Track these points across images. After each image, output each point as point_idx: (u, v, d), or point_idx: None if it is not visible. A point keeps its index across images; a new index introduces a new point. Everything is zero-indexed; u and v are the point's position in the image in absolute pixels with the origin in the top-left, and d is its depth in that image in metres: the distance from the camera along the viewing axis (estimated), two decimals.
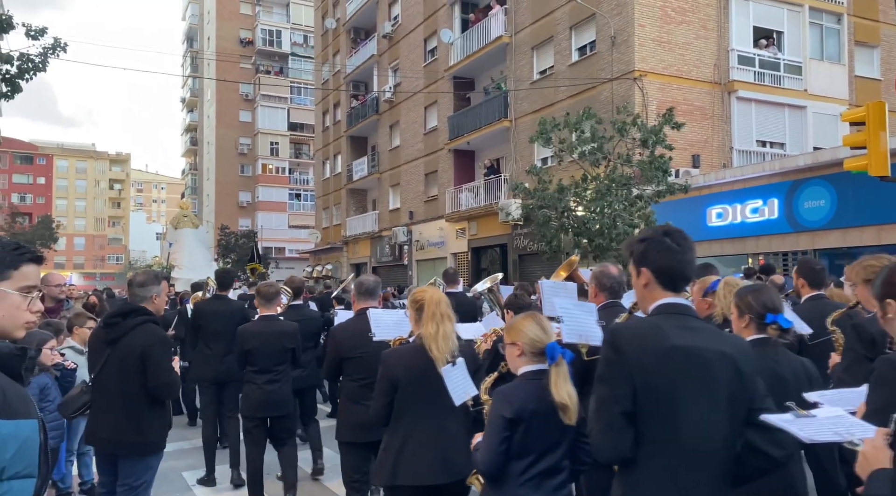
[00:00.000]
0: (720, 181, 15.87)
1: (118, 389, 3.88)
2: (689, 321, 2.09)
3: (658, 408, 1.97)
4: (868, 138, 7.09)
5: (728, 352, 2.04)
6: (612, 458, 2.05)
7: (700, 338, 2.04)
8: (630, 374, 1.98)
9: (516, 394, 2.61)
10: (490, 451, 2.56)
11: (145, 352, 3.83)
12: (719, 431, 1.99)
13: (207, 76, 58.35)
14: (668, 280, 2.14)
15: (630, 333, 2.07)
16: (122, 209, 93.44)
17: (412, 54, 28.31)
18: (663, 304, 2.13)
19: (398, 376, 3.20)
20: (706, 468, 1.97)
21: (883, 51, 20.49)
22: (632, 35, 17.41)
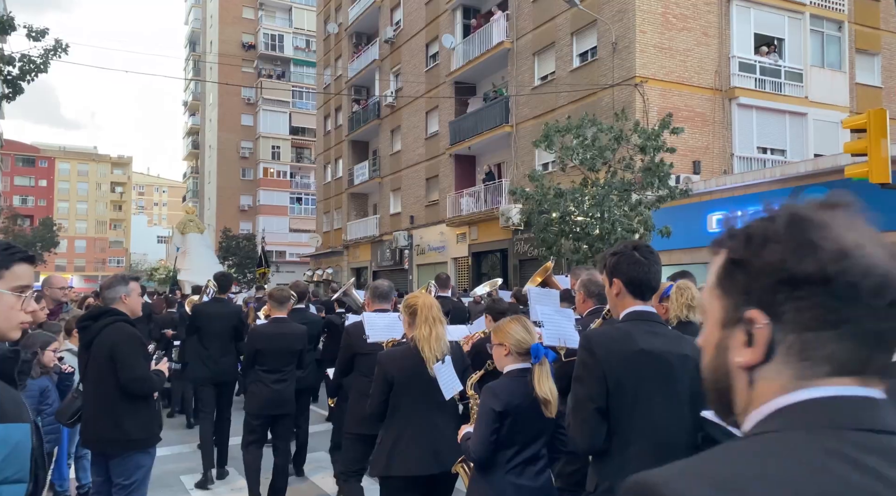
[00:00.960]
0: (721, 187, 15.87)
1: (95, 389, 3.95)
2: (655, 327, 2.37)
3: (627, 404, 2.21)
4: (869, 145, 7.09)
5: (690, 355, 2.29)
6: (588, 449, 2.33)
7: (664, 342, 2.31)
8: (603, 375, 2.24)
9: (504, 390, 2.86)
10: (481, 442, 2.80)
11: (113, 349, 3.88)
12: (682, 425, 2.24)
13: (210, 80, 58.50)
14: (637, 289, 2.39)
15: (602, 338, 2.34)
16: (124, 212, 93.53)
17: (414, 59, 28.37)
18: (632, 312, 2.38)
19: (393, 375, 3.41)
20: (671, 458, 1.96)
21: (884, 58, 20.52)
22: (633, 41, 17.44)
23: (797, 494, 0.67)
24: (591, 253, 13.34)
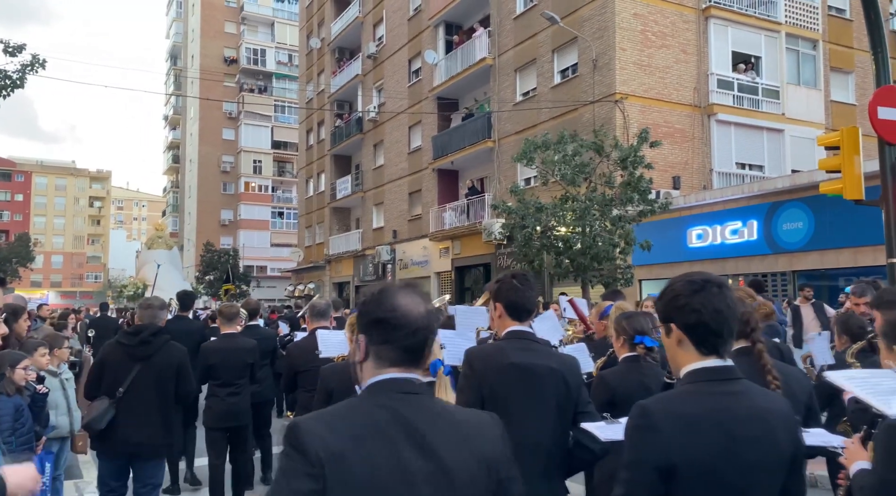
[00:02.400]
0: (700, 202, 16.07)
1: (146, 398, 4.46)
2: (528, 344, 2.69)
3: (500, 410, 2.35)
4: (843, 162, 7.22)
5: (556, 368, 2.63)
6: None
7: (535, 357, 2.64)
8: (479, 385, 2.60)
9: None
10: None
11: (180, 364, 4.60)
12: (549, 429, 2.55)
13: (191, 94, 58.25)
14: (515, 312, 2.74)
15: (480, 354, 2.72)
16: (102, 227, 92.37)
17: (396, 74, 28.49)
18: (510, 331, 2.73)
19: (333, 387, 3.68)
20: (539, 457, 2.53)
21: (857, 76, 20.98)
22: (613, 58, 17.68)
23: (351, 421, 1.46)
24: (572, 267, 13.41)
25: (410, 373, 1.57)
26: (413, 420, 1.48)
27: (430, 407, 1.54)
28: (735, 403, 1.76)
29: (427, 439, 1.46)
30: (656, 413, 1.75)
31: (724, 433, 1.71)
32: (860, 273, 11.15)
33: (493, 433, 1.62)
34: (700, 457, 1.69)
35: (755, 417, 1.75)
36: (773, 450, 1.75)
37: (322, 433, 1.42)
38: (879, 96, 7.17)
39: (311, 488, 1.36)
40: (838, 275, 13.33)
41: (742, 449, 1.71)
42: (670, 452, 1.69)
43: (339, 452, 1.39)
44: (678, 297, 1.88)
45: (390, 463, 1.43)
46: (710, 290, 1.86)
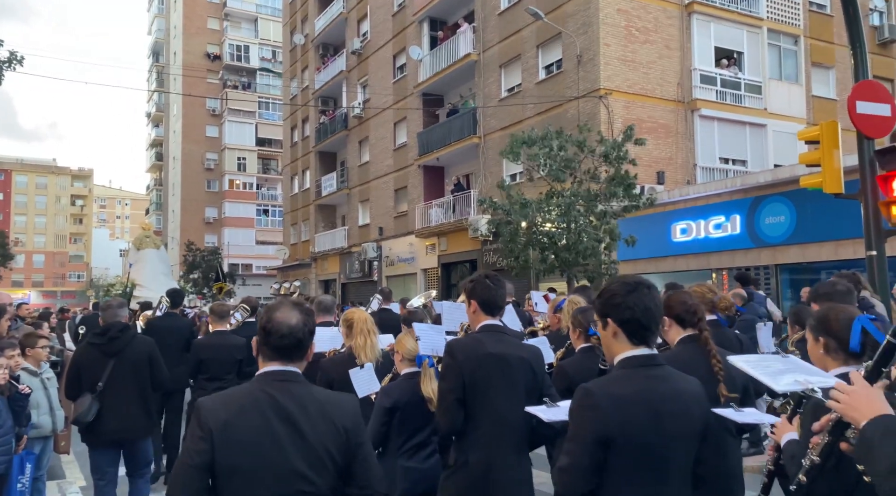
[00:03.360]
0: (684, 197, 16.17)
1: (126, 387, 4.87)
2: (501, 336, 3.06)
3: (479, 395, 2.88)
4: (822, 156, 7.30)
5: (525, 357, 3.03)
6: (450, 431, 3.01)
7: (507, 348, 3.01)
8: (460, 373, 2.91)
9: (395, 389, 3.56)
10: (372, 432, 3.40)
11: (151, 354, 5.04)
12: (519, 410, 2.86)
13: (174, 91, 57.69)
14: (488, 308, 3.08)
15: (460, 345, 3.04)
16: (84, 225, 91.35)
17: (381, 70, 28.40)
18: (485, 325, 3.08)
19: (332, 378, 4.00)
20: (510, 435, 2.91)
21: (838, 72, 21.20)
22: (597, 54, 17.73)
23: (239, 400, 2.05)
24: (557, 262, 13.46)
25: (287, 366, 2.14)
26: (281, 400, 2.05)
27: (296, 391, 2.10)
28: (659, 385, 2.13)
29: (290, 413, 2.04)
30: (596, 394, 2.09)
31: (650, 409, 2.07)
32: (841, 266, 11.29)
33: (350, 409, 2.19)
34: (632, 429, 2.04)
35: (675, 396, 2.13)
36: (688, 423, 2.14)
37: (215, 408, 2.02)
38: (858, 91, 7.25)
39: (203, 448, 1.96)
40: (820, 268, 13.48)
41: (665, 422, 2.08)
42: (608, 426, 2.04)
43: (225, 421, 1.99)
44: (614, 296, 2.20)
45: (262, 429, 2.01)
46: (641, 291, 2.19)
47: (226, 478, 1.96)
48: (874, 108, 7.36)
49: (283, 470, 1.99)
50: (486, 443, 2.86)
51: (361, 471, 2.13)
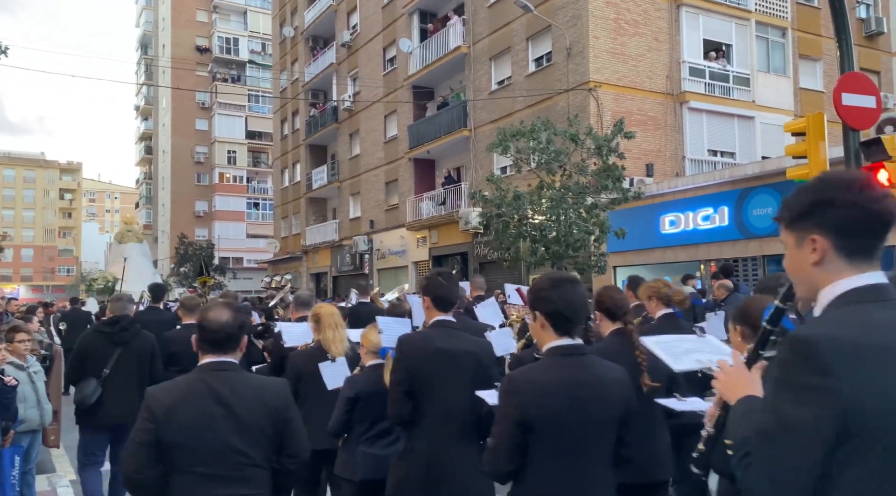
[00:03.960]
0: (673, 189, 16.25)
1: (128, 375, 5.15)
2: (451, 331, 3.20)
3: (426, 387, 3.04)
4: (808, 148, 7.36)
5: (472, 351, 3.17)
6: (398, 421, 3.17)
7: (456, 342, 3.15)
8: (408, 367, 3.06)
9: (358, 380, 3.73)
10: (335, 420, 3.66)
11: (154, 347, 5.37)
12: (466, 402, 3.01)
13: (162, 84, 57.26)
14: (441, 304, 3.22)
15: (409, 340, 3.21)
16: (74, 219, 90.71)
17: (371, 63, 28.31)
18: (436, 320, 3.22)
19: (301, 370, 4.23)
20: (456, 425, 3.05)
21: (825, 64, 21.31)
22: (586, 47, 17.75)
23: (182, 387, 2.45)
24: (548, 255, 13.51)
25: (222, 357, 2.48)
26: (217, 386, 2.41)
27: (231, 378, 2.45)
28: (579, 372, 2.31)
29: (225, 397, 2.38)
30: (518, 380, 2.32)
31: (568, 395, 2.25)
32: None
33: (279, 391, 2.56)
34: (550, 413, 2.22)
35: (594, 383, 2.31)
36: (607, 408, 2.31)
37: (160, 395, 2.42)
38: (844, 83, 7.31)
39: (149, 428, 2.34)
40: None
41: (582, 407, 2.25)
42: (528, 410, 2.22)
43: (168, 405, 2.36)
44: (541, 291, 2.40)
45: (201, 412, 2.36)
46: (564, 286, 2.38)
47: (171, 454, 2.34)
48: (859, 100, 7.42)
49: (220, 445, 2.35)
50: (432, 433, 3.04)
51: (292, 442, 2.53)
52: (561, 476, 2.26)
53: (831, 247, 1.44)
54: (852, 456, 1.30)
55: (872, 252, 1.45)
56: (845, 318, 1.38)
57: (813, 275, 1.48)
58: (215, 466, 2.34)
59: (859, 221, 1.42)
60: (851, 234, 1.43)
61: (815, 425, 1.30)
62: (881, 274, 1.45)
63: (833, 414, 1.29)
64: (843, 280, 1.44)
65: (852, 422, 1.29)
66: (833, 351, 1.31)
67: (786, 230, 1.56)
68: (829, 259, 1.45)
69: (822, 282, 1.47)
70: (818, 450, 1.31)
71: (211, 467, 2.33)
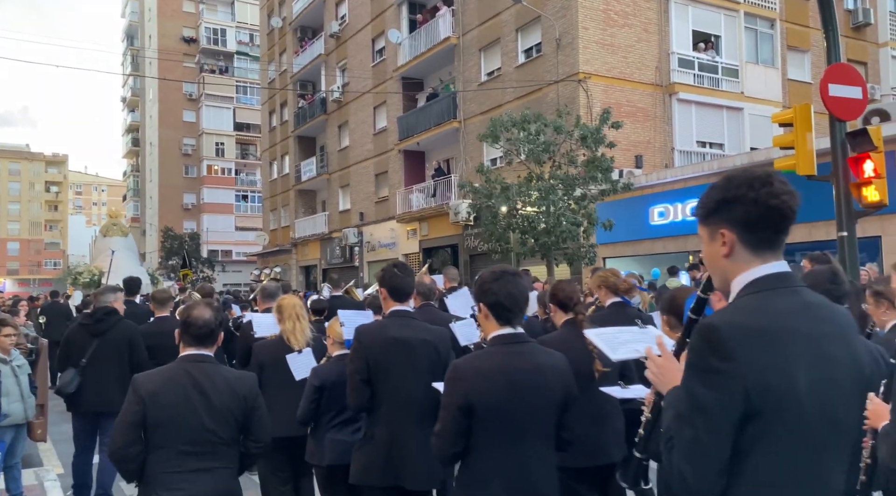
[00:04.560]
0: (662, 181, 16.30)
1: (108, 364, 5.37)
2: (407, 321, 3.36)
3: (381, 373, 3.18)
4: (796, 139, 7.39)
5: (429, 340, 3.31)
6: (358, 408, 3.32)
7: (412, 331, 3.30)
8: (365, 355, 3.21)
9: (323, 370, 3.88)
10: (302, 409, 3.80)
11: (133, 336, 5.52)
12: (421, 389, 3.12)
13: (149, 75, 56.67)
14: (396, 295, 3.38)
15: (366, 330, 3.35)
16: (60, 212, 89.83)
17: (360, 54, 28.14)
18: (393, 311, 3.38)
19: (264, 360, 4.39)
20: (413, 411, 3.18)
21: (813, 55, 21.39)
22: (576, 38, 17.72)
23: (165, 375, 2.82)
24: (537, 246, 13.53)
25: (201, 350, 2.84)
26: (196, 375, 2.76)
27: (208, 369, 2.81)
28: (519, 359, 2.45)
29: (202, 385, 2.74)
30: (462, 368, 2.47)
31: (507, 381, 2.39)
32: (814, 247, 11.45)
33: (248, 382, 2.91)
34: (490, 398, 2.37)
35: (533, 370, 2.44)
36: (546, 394, 2.44)
37: (146, 382, 2.76)
38: (830, 74, 7.34)
39: (136, 409, 2.69)
40: (794, 249, 13.67)
41: (521, 393, 2.39)
42: (469, 396, 2.37)
43: (153, 390, 2.72)
44: (484, 284, 2.54)
45: (180, 396, 2.71)
46: (505, 279, 2.52)
47: (155, 432, 2.70)
48: (846, 91, 7.46)
49: (196, 426, 2.71)
50: (390, 419, 3.20)
51: (256, 428, 2.89)
52: (502, 457, 2.39)
53: (738, 240, 1.55)
54: (759, 433, 1.41)
55: (775, 244, 1.56)
56: (748, 306, 1.49)
57: (724, 267, 1.59)
58: (191, 443, 2.71)
59: (761, 216, 1.53)
60: (754, 228, 1.54)
61: (723, 406, 1.41)
62: (783, 263, 1.56)
63: (738, 395, 1.40)
64: (749, 270, 1.55)
65: (756, 402, 1.40)
66: (736, 337, 1.42)
67: (700, 225, 1.67)
68: (736, 251, 1.56)
69: (731, 272, 1.58)
70: (728, 429, 1.41)
71: (188, 444, 2.71)
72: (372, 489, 3.25)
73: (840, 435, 1.48)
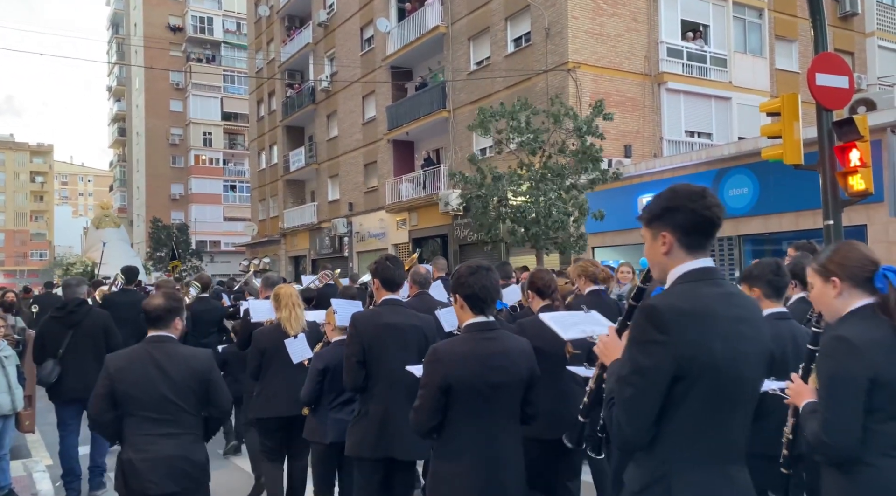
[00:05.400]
0: (651, 170, 16.35)
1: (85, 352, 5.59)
2: (397, 309, 3.70)
3: (375, 358, 3.51)
4: (783, 128, 7.43)
5: (418, 325, 3.69)
6: (354, 388, 3.64)
7: (403, 317, 3.66)
8: (360, 340, 3.53)
9: (326, 354, 4.16)
10: (307, 390, 4.11)
11: (107, 324, 5.80)
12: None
13: (135, 64, 56.03)
14: (388, 285, 3.71)
15: (361, 317, 3.66)
16: (46, 203, 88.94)
17: (348, 43, 27.96)
18: (385, 299, 3.70)
19: (264, 346, 4.67)
20: (404, 390, 3.41)
21: (801, 45, 21.48)
22: (565, 27, 17.68)
23: (131, 354, 3.33)
24: (527, 236, 13.55)
25: (160, 332, 3.29)
26: (155, 354, 3.22)
27: (167, 348, 3.25)
28: (490, 344, 2.77)
29: (161, 362, 3.19)
30: (440, 351, 2.77)
31: (480, 363, 2.71)
32: (801, 236, 11.57)
33: (203, 358, 3.32)
34: (465, 379, 2.68)
35: (502, 354, 2.77)
36: (513, 374, 2.77)
37: (114, 360, 3.25)
38: (818, 63, 7.38)
39: (106, 383, 3.17)
40: (781, 238, 13.81)
41: (491, 373, 2.72)
42: (446, 376, 2.68)
43: (120, 367, 3.21)
44: (460, 277, 2.85)
45: (143, 371, 3.17)
46: (480, 273, 2.82)
47: (123, 402, 3.18)
48: (833, 80, 7.50)
49: (158, 397, 3.16)
50: (383, 397, 3.51)
51: (214, 397, 3.30)
52: (474, 431, 2.72)
53: (676, 241, 1.92)
54: (683, 392, 1.78)
55: (704, 245, 1.94)
56: (681, 292, 1.87)
57: (663, 262, 1.96)
58: (155, 411, 3.16)
59: (696, 223, 1.90)
60: (690, 232, 1.91)
61: (658, 369, 1.77)
62: (709, 260, 1.95)
63: (670, 362, 1.76)
64: (683, 264, 1.91)
65: (683, 367, 1.76)
66: (671, 315, 1.78)
67: (645, 228, 2.02)
68: (674, 250, 1.92)
69: (669, 266, 1.95)
70: (661, 388, 1.78)
71: (152, 412, 3.15)
72: (364, 461, 3.53)
73: (744, 396, 1.87)
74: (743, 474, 1.88)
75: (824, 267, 2.31)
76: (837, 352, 2.14)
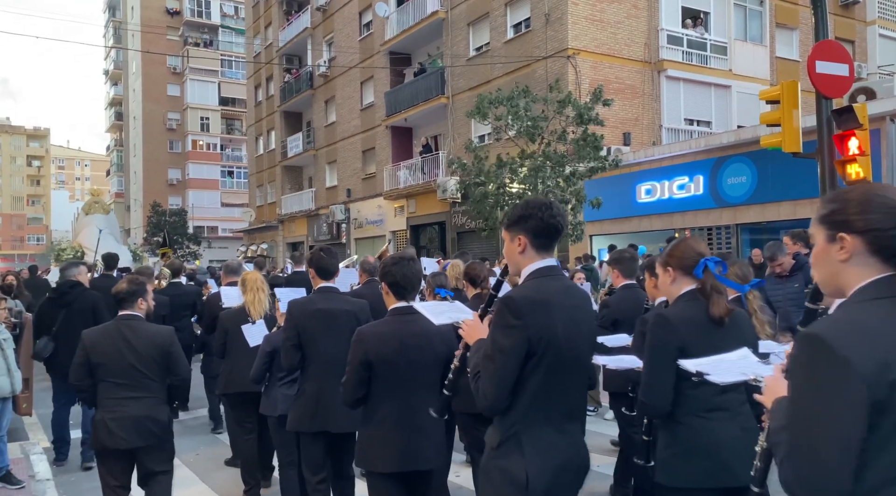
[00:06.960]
0: (649, 158, 16.32)
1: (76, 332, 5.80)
2: (331, 295, 4.00)
3: (308, 340, 3.83)
4: (782, 116, 7.41)
5: (351, 310, 3.96)
6: (290, 368, 3.94)
7: (335, 303, 3.95)
8: (295, 325, 3.82)
9: (274, 337, 4.34)
10: (255, 369, 4.37)
11: (95, 304, 6.13)
12: (343, 351, 3.35)
13: (132, 48, 55.59)
14: (322, 274, 4.01)
15: (297, 303, 3.95)
16: (42, 187, 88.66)
17: (347, 28, 27.76)
18: (320, 287, 4.01)
19: (227, 327, 5.06)
20: (337, 371, 3.47)
21: (801, 33, 21.37)
22: (565, 13, 17.57)
23: (102, 332, 3.90)
24: None
25: (127, 311, 3.81)
26: (124, 331, 3.73)
27: (133, 324, 3.77)
28: (409, 326, 3.08)
29: (127, 336, 3.72)
30: (363, 332, 3.11)
31: (399, 342, 3.04)
32: (798, 225, 11.57)
33: (165, 334, 3.85)
34: (384, 356, 3.02)
35: (420, 334, 3.08)
36: (430, 353, 3.10)
37: (89, 334, 3.76)
38: (818, 51, 7.35)
39: (82, 354, 3.70)
40: (779, 227, 13.81)
41: (409, 351, 3.05)
42: (368, 354, 3.02)
43: (93, 341, 3.72)
44: (385, 267, 3.18)
45: (112, 345, 3.70)
46: (403, 263, 3.15)
47: (97, 370, 3.68)
48: (833, 68, 7.47)
49: (126, 366, 3.68)
50: (317, 377, 3.81)
51: (174, 366, 3.81)
52: (395, 403, 3.06)
53: (528, 243, 2.29)
54: (534, 366, 2.17)
55: (550, 247, 2.33)
56: (532, 285, 2.27)
57: (519, 260, 2.33)
58: (123, 378, 3.68)
59: (543, 229, 2.28)
60: (539, 235, 2.29)
61: (514, 348, 2.14)
62: (554, 259, 2.35)
63: (523, 341, 2.14)
64: (533, 263, 2.30)
65: (533, 346, 2.15)
66: (525, 304, 2.17)
67: (505, 231, 2.37)
68: (527, 250, 2.30)
69: (523, 264, 2.33)
70: (517, 363, 2.15)
71: (121, 379, 3.68)
72: (304, 434, 3.88)
73: (580, 368, 2.30)
74: (578, 431, 2.33)
75: (664, 259, 2.76)
76: (656, 327, 2.61)
